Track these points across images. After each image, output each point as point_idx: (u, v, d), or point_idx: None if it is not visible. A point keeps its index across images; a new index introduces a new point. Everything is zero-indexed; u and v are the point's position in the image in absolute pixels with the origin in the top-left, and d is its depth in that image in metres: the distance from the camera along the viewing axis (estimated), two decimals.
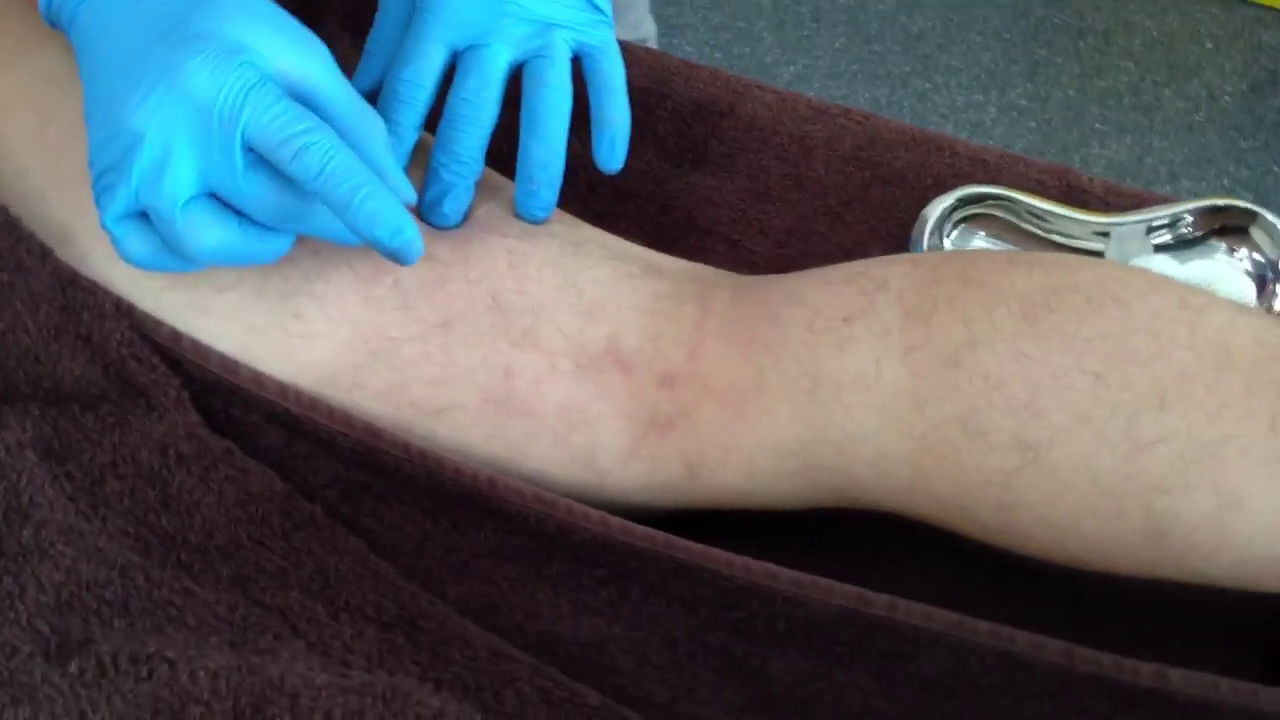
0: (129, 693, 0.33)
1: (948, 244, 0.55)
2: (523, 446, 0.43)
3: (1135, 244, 0.55)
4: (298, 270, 0.43)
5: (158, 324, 0.43)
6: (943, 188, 0.57)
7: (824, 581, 0.42)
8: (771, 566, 0.42)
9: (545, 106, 0.46)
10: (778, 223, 0.58)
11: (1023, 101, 1.60)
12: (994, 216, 0.56)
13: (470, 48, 0.46)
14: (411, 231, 0.39)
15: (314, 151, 0.37)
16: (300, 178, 0.37)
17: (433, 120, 0.48)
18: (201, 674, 0.33)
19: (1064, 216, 0.55)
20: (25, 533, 0.36)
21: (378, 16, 0.49)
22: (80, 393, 0.41)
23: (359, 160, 0.38)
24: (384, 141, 0.40)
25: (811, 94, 0.57)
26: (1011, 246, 0.56)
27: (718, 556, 0.43)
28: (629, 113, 0.48)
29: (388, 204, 0.38)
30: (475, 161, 0.46)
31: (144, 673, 0.33)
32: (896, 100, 1.59)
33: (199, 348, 0.43)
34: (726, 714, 0.42)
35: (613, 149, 0.47)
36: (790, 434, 0.41)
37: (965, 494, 0.38)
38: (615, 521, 0.43)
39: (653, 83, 0.62)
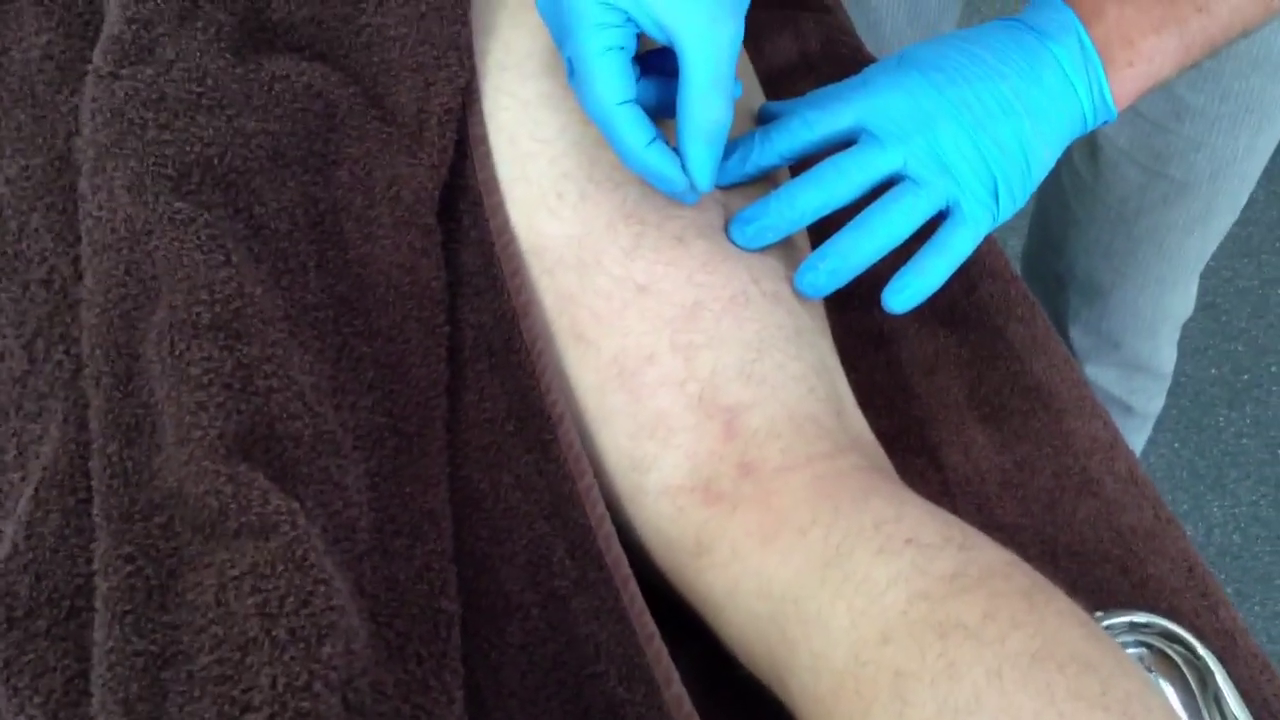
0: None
1: None
2: (609, 419, 0.45)
3: None
4: (588, 167, 0.48)
5: (478, 119, 0.49)
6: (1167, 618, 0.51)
7: None
8: (674, 673, 0.41)
9: (884, 217, 0.48)
10: (1001, 512, 0.54)
11: None
12: (1176, 667, 0.49)
13: (874, 136, 0.48)
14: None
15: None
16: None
17: None
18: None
19: None
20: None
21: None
22: (386, 112, 0.48)
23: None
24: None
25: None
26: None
27: (649, 627, 0.42)
28: (944, 278, 0.48)
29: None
30: (804, 217, 0.48)
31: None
32: None
33: (484, 157, 0.48)
34: None
35: (902, 292, 0.48)
36: (783, 581, 0.39)
37: None
38: (609, 528, 0.43)
39: (1028, 347, 0.61)
